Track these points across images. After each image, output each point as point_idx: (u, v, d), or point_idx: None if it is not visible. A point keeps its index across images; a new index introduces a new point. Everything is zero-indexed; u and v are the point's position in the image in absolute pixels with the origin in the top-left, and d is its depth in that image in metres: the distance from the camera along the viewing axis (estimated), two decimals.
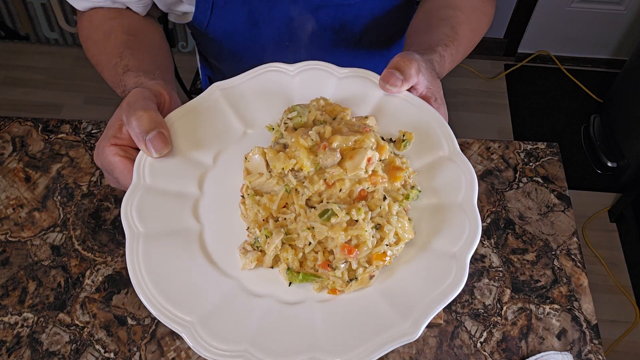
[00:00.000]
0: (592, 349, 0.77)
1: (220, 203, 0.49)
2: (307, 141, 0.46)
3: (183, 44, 2.37)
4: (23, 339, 0.77)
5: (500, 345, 0.77)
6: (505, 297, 0.81)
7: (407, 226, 0.46)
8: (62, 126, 0.99)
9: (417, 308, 0.42)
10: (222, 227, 0.48)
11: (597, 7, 2.19)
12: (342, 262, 0.44)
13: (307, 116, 0.49)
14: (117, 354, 0.76)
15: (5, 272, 0.83)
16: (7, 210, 0.89)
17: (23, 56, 2.41)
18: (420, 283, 0.43)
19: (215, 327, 0.42)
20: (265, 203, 0.46)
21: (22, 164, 0.94)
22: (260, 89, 0.53)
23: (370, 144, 0.46)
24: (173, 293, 0.43)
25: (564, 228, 0.88)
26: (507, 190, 0.92)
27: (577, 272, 0.84)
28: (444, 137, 0.49)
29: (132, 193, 0.47)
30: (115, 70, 0.65)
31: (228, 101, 0.53)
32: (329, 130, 0.47)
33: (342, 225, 0.44)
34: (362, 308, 0.43)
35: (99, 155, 0.53)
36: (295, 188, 0.46)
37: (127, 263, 0.45)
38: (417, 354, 0.77)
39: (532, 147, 0.97)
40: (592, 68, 2.40)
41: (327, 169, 0.45)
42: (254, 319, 0.43)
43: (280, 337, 0.42)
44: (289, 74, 0.53)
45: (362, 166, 0.45)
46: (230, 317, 0.43)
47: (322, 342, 0.41)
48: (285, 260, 0.45)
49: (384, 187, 0.47)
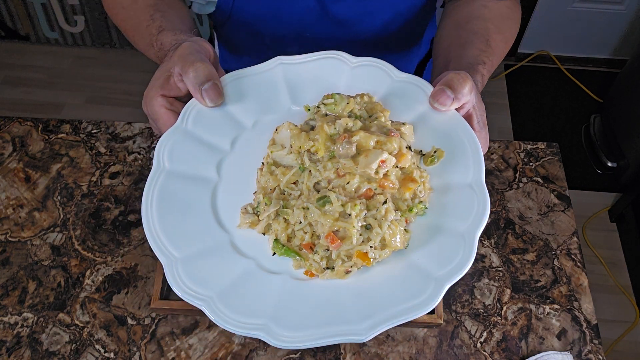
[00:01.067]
0: (592, 349, 0.77)
1: (243, 164, 0.51)
2: (330, 128, 0.47)
3: None
4: (23, 339, 0.77)
5: (500, 345, 0.77)
6: (505, 297, 0.81)
7: (399, 236, 0.45)
8: (62, 126, 0.99)
9: (378, 315, 0.42)
10: (236, 186, 0.50)
11: (598, 7, 2.19)
12: (324, 249, 0.45)
13: (344, 107, 0.50)
14: (117, 354, 0.76)
15: (5, 272, 0.83)
16: (7, 210, 0.89)
17: (23, 56, 2.41)
18: (391, 292, 0.44)
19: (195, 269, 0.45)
20: (277, 175, 0.48)
21: (22, 164, 0.94)
22: (317, 71, 0.54)
23: (392, 148, 0.46)
24: (172, 231, 0.47)
25: (564, 228, 0.88)
26: (507, 190, 0.92)
27: (577, 272, 0.84)
28: (473, 164, 0.48)
29: (171, 133, 0.51)
30: (149, 32, 0.66)
31: (285, 75, 0.54)
32: (358, 125, 0.48)
33: (334, 215, 0.44)
34: (328, 296, 0.44)
35: (146, 104, 0.56)
36: (309, 169, 0.47)
37: (143, 197, 0.49)
38: (417, 353, 0.77)
39: (532, 147, 0.97)
40: (592, 68, 2.40)
41: (340, 159, 0.46)
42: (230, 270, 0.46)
43: (242, 302, 0.44)
44: (349, 65, 0.54)
45: (373, 166, 0.45)
46: (211, 257, 0.46)
47: (281, 314, 0.43)
48: (275, 230, 0.47)
49: (392, 194, 0.47)
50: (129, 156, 0.95)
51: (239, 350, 0.77)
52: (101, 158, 0.95)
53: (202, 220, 0.48)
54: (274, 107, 0.54)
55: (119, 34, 2.35)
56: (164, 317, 0.79)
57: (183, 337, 0.77)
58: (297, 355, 0.76)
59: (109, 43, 2.40)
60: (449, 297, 0.81)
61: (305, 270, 0.47)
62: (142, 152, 0.95)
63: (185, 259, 0.46)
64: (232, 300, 0.44)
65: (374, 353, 0.77)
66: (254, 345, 0.77)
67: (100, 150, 0.96)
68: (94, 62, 2.40)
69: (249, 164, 0.51)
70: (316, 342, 0.42)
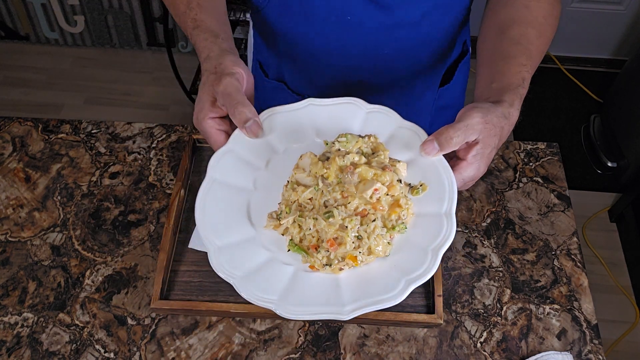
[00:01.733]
0: (592, 349, 0.77)
1: (273, 181, 0.66)
2: (340, 161, 0.62)
3: (183, 44, 2.37)
4: (23, 339, 0.77)
5: (500, 345, 0.77)
6: (505, 297, 0.81)
7: (381, 247, 0.60)
8: (62, 126, 0.99)
9: (359, 302, 0.57)
10: (266, 196, 0.65)
11: (597, 7, 2.19)
12: (325, 250, 0.60)
13: (353, 144, 0.64)
14: (117, 354, 0.76)
15: (5, 272, 0.83)
16: (7, 210, 0.89)
17: (23, 56, 2.41)
18: (371, 287, 0.58)
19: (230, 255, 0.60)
20: (298, 192, 0.62)
21: (22, 164, 0.94)
22: (338, 113, 0.69)
23: (385, 180, 0.60)
24: (216, 226, 0.62)
25: (564, 228, 0.88)
26: (507, 190, 0.92)
27: (577, 272, 0.84)
28: (448, 198, 0.60)
29: (221, 152, 0.65)
30: (185, 21, 0.73)
31: (312, 114, 0.69)
32: (362, 160, 0.62)
33: (335, 226, 0.59)
34: (325, 285, 0.59)
35: (198, 124, 0.65)
36: (322, 190, 0.61)
37: (197, 199, 0.63)
38: (417, 354, 0.77)
39: (532, 147, 0.97)
40: (592, 68, 2.40)
41: (345, 185, 0.60)
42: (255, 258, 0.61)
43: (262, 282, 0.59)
44: (364, 110, 0.69)
45: (368, 192, 0.59)
46: (242, 248, 0.61)
47: (289, 294, 0.58)
48: (292, 233, 0.62)
49: (382, 214, 0.60)
50: (128, 156, 0.95)
51: (239, 350, 0.77)
52: (101, 158, 0.95)
53: (238, 220, 0.63)
54: (301, 138, 0.68)
55: (119, 34, 2.35)
56: (164, 317, 0.79)
57: (183, 337, 0.77)
58: (297, 355, 0.76)
59: (108, 43, 2.40)
60: (449, 297, 0.81)
61: (310, 264, 0.61)
62: (142, 152, 0.95)
63: (223, 246, 0.60)
64: (255, 280, 0.58)
65: (374, 353, 0.77)
66: (254, 345, 0.77)
67: (100, 151, 0.96)
68: (94, 63, 2.40)
69: (278, 181, 0.66)
70: (312, 317, 0.57)
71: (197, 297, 0.79)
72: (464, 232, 0.87)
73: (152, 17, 2.28)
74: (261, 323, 0.79)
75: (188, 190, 0.89)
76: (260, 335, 0.78)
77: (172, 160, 0.94)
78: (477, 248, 0.86)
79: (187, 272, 0.81)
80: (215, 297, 0.79)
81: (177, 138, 0.97)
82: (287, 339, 0.78)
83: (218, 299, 0.79)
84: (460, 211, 0.90)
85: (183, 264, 0.82)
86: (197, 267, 0.82)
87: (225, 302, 0.78)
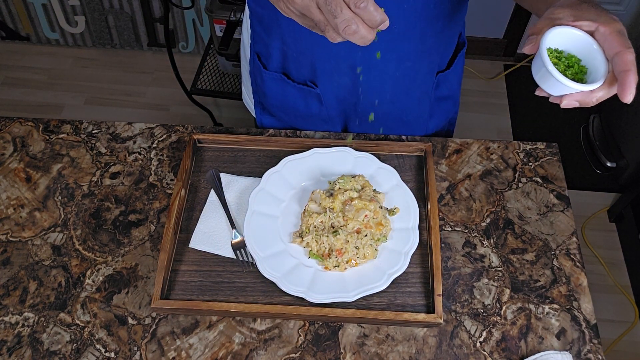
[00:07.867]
0: (591, 349, 0.77)
1: (294, 209, 0.89)
2: (341, 196, 0.85)
3: (183, 44, 2.37)
4: (24, 338, 0.77)
5: (500, 344, 0.78)
6: (505, 297, 0.81)
7: (369, 253, 0.82)
8: (62, 126, 0.99)
9: (358, 289, 0.79)
10: (290, 221, 0.88)
11: None
12: (334, 257, 0.82)
13: (348, 183, 0.87)
14: (118, 354, 0.76)
15: (6, 272, 0.83)
16: (8, 210, 0.89)
17: (24, 57, 2.41)
18: (365, 279, 0.81)
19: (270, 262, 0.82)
20: (313, 217, 0.84)
21: (22, 164, 0.94)
22: (336, 159, 0.93)
23: (372, 208, 0.84)
24: (259, 242, 0.84)
25: (563, 228, 0.88)
26: (507, 190, 0.92)
27: (576, 272, 0.84)
28: (413, 217, 0.86)
29: (256, 191, 0.88)
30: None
31: (318, 160, 0.93)
32: (355, 194, 0.85)
33: (340, 240, 0.82)
34: (335, 280, 0.81)
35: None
36: (329, 216, 0.84)
37: (244, 224, 0.85)
38: (417, 353, 0.77)
39: (532, 147, 0.97)
40: None
41: (346, 213, 0.84)
42: (287, 263, 0.83)
43: (294, 279, 0.81)
44: (353, 156, 0.93)
45: (361, 218, 0.83)
46: (278, 257, 0.83)
47: (312, 286, 0.80)
48: (311, 246, 0.83)
49: (371, 231, 0.83)
50: (129, 156, 0.95)
51: (239, 349, 0.77)
52: (102, 158, 0.95)
53: (273, 238, 0.85)
54: (312, 178, 0.92)
55: (120, 35, 2.35)
56: (165, 317, 0.79)
57: (183, 336, 0.78)
58: (297, 355, 0.76)
59: (109, 44, 2.40)
60: (448, 297, 0.81)
61: (324, 267, 0.82)
62: (142, 153, 0.96)
63: (266, 256, 0.82)
64: (289, 278, 0.80)
65: (373, 352, 0.77)
66: (254, 344, 0.77)
67: (101, 151, 0.96)
68: (95, 63, 2.40)
69: (298, 209, 0.89)
70: (329, 300, 0.78)
71: (198, 296, 0.79)
72: (463, 232, 0.88)
73: (152, 18, 2.28)
74: (261, 323, 0.79)
75: (188, 190, 0.89)
76: (261, 334, 0.78)
77: (172, 160, 0.95)
78: (476, 248, 0.86)
79: (187, 272, 0.81)
80: (215, 297, 0.79)
81: (177, 138, 0.97)
82: (287, 339, 0.78)
83: (218, 299, 0.79)
84: (459, 211, 0.90)
85: (183, 263, 0.82)
86: (198, 266, 0.82)
87: (226, 302, 0.78)
